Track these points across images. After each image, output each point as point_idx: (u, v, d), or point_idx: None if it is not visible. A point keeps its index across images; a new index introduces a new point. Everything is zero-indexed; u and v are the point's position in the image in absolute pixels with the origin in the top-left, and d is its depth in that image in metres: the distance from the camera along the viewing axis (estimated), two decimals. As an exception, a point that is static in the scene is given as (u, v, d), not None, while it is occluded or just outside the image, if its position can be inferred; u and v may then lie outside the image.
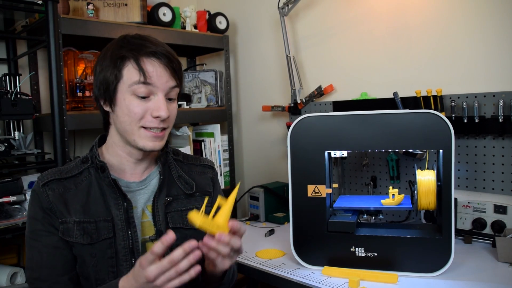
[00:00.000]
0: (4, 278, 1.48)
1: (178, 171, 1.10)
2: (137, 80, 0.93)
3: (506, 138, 1.45)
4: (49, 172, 1.00)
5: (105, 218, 0.97)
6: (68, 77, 1.70)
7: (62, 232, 0.95)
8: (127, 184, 1.03)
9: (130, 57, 0.94)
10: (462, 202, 1.44)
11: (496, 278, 1.15)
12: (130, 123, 0.96)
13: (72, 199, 0.97)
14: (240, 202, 2.29)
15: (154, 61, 0.94)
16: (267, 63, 2.22)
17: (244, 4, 2.30)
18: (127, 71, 0.94)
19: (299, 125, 1.26)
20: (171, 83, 0.97)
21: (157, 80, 0.94)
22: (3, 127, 1.76)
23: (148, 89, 0.94)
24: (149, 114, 0.95)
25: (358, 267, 1.23)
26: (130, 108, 0.95)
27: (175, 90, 0.99)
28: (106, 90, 0.96)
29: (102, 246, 0.96)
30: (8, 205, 1.46)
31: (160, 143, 0.99)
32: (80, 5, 1.76)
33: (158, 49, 0.96)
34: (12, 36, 1.83)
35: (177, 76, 0.99)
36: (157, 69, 0.94)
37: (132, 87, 0.94)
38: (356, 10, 1.82)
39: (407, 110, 1.19)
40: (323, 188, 1.26)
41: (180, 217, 1.05)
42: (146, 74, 0.93)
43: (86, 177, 1.01)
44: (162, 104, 0.95)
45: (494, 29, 1.47)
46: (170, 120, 1.00)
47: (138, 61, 0.94)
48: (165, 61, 0.96)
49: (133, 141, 0.97)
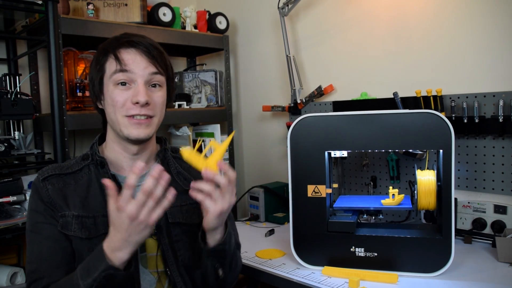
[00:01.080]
0: (4, 278, 1.48)
1: (177, 167, 1.11)
2: (115, 69, 0.96)
3: (506, 138, 1.45)
4: (50, 168, 1.02)
5: (104, 214, 0.97)
6: (68, 77, 1.70)
7: (61, 225, 0.96)
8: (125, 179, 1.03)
9: (110, 51, 0.98)
10: (462, 202, 1.44)
11: (496, 278, 1.15)
12: (115, 113, 0.98)
13: (72, 194, 0.98)
14: (240, 202, 2.29)
15: (131, 50, 0.98)
16: (267, 63, 2.22)
17: (244, 4, 2.30)
18: (109, 64, 0.98)
19: (299, 125, 1.26)
20: (150, 69, 0.98)
21: (134, 67, 0.96)
22: (3, 127, 1.76)
23: (126, 76, 0.96)
24: (129, 101, 0.97)
25: (358, 267, 1.23)
26: (112, 97, 0.97)
27: (157, 77, 1.00)
28: (94, 87, 1.01)
29: (100, 241, 0.95)
30: (8, 205, 1.46)
31: (145, 130, 0.99)
32: (80, 5, 1.76)
33: (136, 39, 0.98)
34: (12, 36, 1.83)
35: (157, 63, 0.99)
36: (133, 57, 0.97)
37: (112, 77, 0.97)
38: (356, 10, 1.82)
39: (407, 110, 1.19)
40: (323, 188, 1.26)
41: (180, 212, 1.06)
42: (121, 62, 0.96)
43: (86, 173, 1.02)
44: (141, 89, 0.96)
45: (494, 29, 1.47)
46: (155, 108, 1.00)
47: (115, 52, 0.97)
48: (142, 49, 0.98)
49: (120, 131, 0.99)
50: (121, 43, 0.98)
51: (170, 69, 1.05)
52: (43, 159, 1.76)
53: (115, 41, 0.99)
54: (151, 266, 1.02)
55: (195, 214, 1.08)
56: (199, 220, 1.07)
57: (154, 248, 1.03)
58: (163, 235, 1.02)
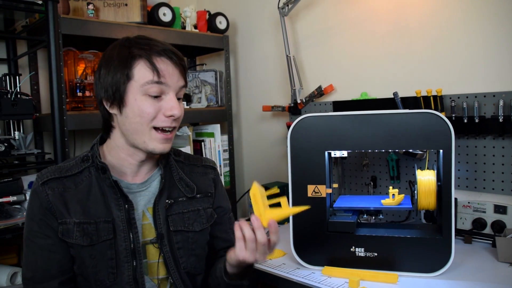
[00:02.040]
0: (4, 278, 1.48)
1: (179, 173, 1.09)
2: (150, 80, 0.92)
3: (506, 138, 1.45)
4: (48, 170, 0.99)
5: (106, 219, 0.96)
6: (68, 77, 1.70)
7: (62, 233, 0.94)
8: (127, 185, 1.02)
9: (142, 56, 0.92)
10: (462, 202, 1.44)
11: (496, 278, 1.15)
12: (142, 124, 0.93)
13: (72, 199, 0.96)
14: (240, 202, 2.29)
15: (165, 59, 0.93)
16: (267, 63, 2.22)
17: (244, 4, 2.30)
18: (139, 70, 0.92)
19: (299, 125, 1.26)
20: (181, 82, 0.97)
21: (169, 79, 0.93)
22: (3, 127, 1.76)
23: (160, 89, 0.93)
24: (162, 113, 0.94)
25: (358, 267, 1.23)
26: (142, 109, 0.92)
27: (183, 90, 0.99)
28: (116, 91, 0.93)
29: (102, 247, 0.95)
30: (8, 205, 1.46)
31: (169, 145, 0.99)
32: (80, 5, 1.76)
33: (168, 48, 0.95)
34: (12, 36, 1.83)
35: (185, 75, 0.98)
36: (168, 68, 0.93)
37: (144, 86, 0.92)
38: (356, 10, 1.82)
39: (407, 110, 1.19)
40: (323, 188, 1.26)
41: (182, 220, 1.05)
42: (160, 73, 0.92)
43: (86, 176, 0.99)
44: (174, 103, 0.94)
45: (494, 29, 1.47)
46: (179, 120, 0.99)
47: (150, 59, 0.92)
48: (176, 59, 0.95)
49: (143, 142, 0.95)
50: (155, 51, 0.92)
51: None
52: (43, 159, 1.76)
53: (142, 45, 0.93)
54: (152, 273, 1.02)
55: (196, 221, 1.07)
56: (200, 227, 1.07)
57: (155, 255, 1.02)
58: (165, 243, 1.02)
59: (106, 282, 0.95)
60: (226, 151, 2.22)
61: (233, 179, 2.24)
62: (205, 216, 1.09)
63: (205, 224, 1.09)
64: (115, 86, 0.93)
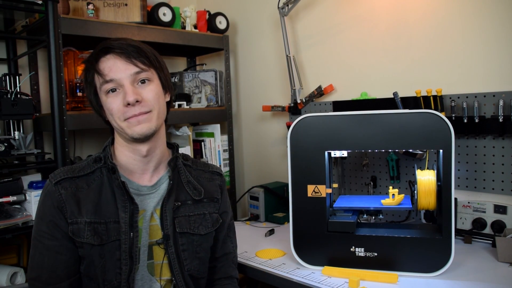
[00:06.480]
0: (4, 278, 1.48)
1: (187, 176, 1.11)
2: (102, 81, 0.98)
3: (506, 138, 1.45)
4: (62, 171, 1.01)
5: (115, 220, 0.98)
6: (68, 77, 1.70)
7: (72, 232, 0.95)
8: (138, 187, 1.04)
9: (91, 63, 1.00)
10: (462, 202, 1.44)
11: (496, 278, 1.15)
12: (115, 120, 0.99)
13: (85, 199, 0.98)
14: (240, 202, 2.29)
15: (108, 56, 0.98)
16: (267, 63, 2.22)
17: (244, 4, 2.30)
18: (93, 78, 1.00)
19: (299, 125, 1.26)
20: (131, 69, 0.97)
21: (115, 72, 0.97)
22: (3, 127, 1.76)
23: (113, 84, 0.97)
24: (122, 105, 0.97)
25: (358, 267, 1.23)
26: (107, 107, 0.99)
27: (142, 74, 0.99)
28: (92, 103, 1.04)
29: (111, 247, 0.97)
30: (8, 205, 1.46)
31: (147, 125, 0.99)
32: (80, 5, 1.76)
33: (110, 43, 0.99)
34: (12, 36, 1.83)
35: (137, 61, 0.98)
36: (111, 63, 0.97)
37: (101, 89, 0.99)
38: (356, 10, 1.82)
39: (407, 110, 1.19)
40: (323, 188, 1.26)
41: (188, 222, 1.06)
42: (101, 73, 0.97)
43: (98, 176, 1.02)
44: (128, 90, 0.96)
45: (494, 29, 1.47)
46: (149, 103, 0.99)
47: (95, 66, 0.98)
48: (117, 51, 0.98)
49: (126, 134, 0.99)
50: (97, 53, 0.99)
51: (155, 60, 1.02)
52: (43, 159, 1.76)
53: (93, 53, 1.01)
54: (157, 273, 1.02)
55: (202, 225, 1.08)
56: (205, 231, 1.09)
57: (161, 256, 1.03)
58: (170, 244, 1.03)
59: (113, 282, 0.96)
60: (226, 151, 2.22)
61: (233, 179, 2.24)
62: (210, 220, 1.11)
63: (210, 228, 1.10)
64: (89, 97, 1.04)
